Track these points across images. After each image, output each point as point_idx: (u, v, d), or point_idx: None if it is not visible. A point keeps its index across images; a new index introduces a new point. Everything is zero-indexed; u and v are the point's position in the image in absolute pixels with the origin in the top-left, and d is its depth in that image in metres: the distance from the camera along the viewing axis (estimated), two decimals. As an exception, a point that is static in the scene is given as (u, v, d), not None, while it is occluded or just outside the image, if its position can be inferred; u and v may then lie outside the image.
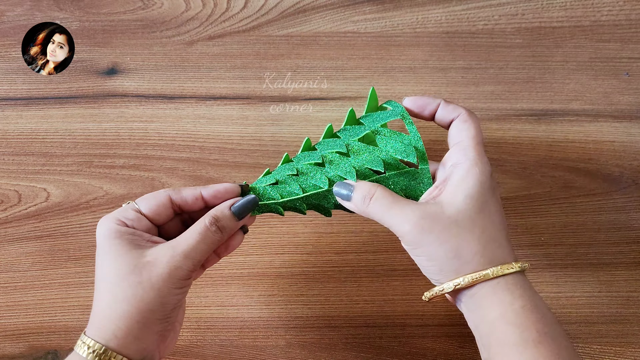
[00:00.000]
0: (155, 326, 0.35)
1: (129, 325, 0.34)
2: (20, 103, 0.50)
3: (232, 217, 0.37)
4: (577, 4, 0.50)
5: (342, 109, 0.50)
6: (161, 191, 0.38)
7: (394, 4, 0.50)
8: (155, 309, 0.34)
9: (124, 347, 0.34)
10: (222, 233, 0.37)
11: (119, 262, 0.35)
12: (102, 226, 0.36)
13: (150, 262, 0.35)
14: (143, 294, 0.34)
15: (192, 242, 0.35)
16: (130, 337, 0.34)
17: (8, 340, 0.49)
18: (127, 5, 0.51)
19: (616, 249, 0.49)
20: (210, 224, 0.36)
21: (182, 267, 0.35)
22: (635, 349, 0.48)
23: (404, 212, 0.35)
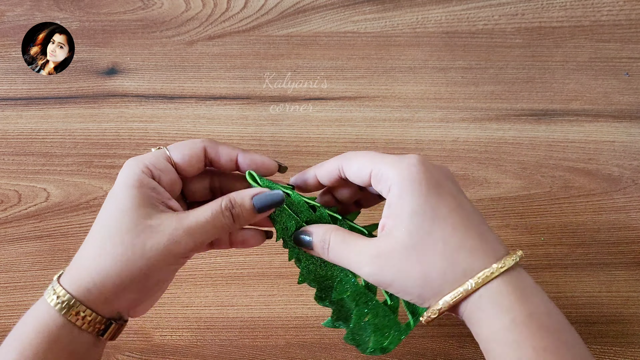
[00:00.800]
0: (131, 294, 0.32)
1: (105, 284, 0.31)
2: (20, 103, 0.50)
3: (251, 208, 0.34)
4: (577, 4, 0.50)
5: (342, 109, 0.50)
6: (197, 140, 0.35)
7: (394, 4, 0.50)
8: (136, 278, 0.31)
9: (93, 303, 0.31)
10: (234, 221, 0.33)
11: (122, 214, 0.31)
12: (127, 168, 0.33)
13: (152, 226, 0.31)
14: (130, 257, 0.31)
15: (201, 220, 0.32)
16: (102, 295, 0.31)
17: (8, 340, 0.49)
18: (127, 5, 0.51)
19: (616, 249, 0.49)
20: (225, 208, 0.33)
21: (180, 242, 0.31)
22: (635, 349, 0.48)
23: (358, 255, 0.32)
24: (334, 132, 0.50)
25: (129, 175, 0.32)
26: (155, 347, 0.49)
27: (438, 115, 0.50)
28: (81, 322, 0.31)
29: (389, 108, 0.50)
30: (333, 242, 0.33)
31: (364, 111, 0.50)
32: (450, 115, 0.50)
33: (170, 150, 0.34)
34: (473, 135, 0.49)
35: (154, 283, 0.32)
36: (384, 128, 0.49)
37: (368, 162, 0.32)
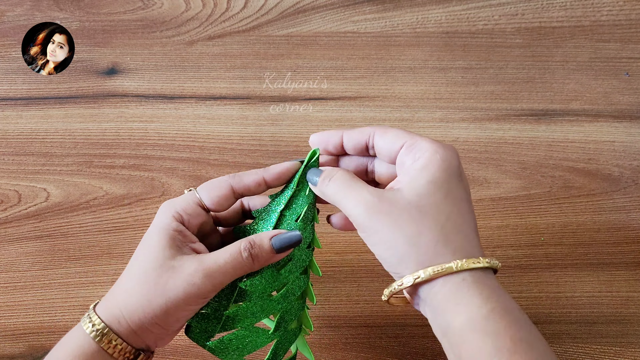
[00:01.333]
0: (154, 329, 0.34)
1: (131, 318, 0.33)
2: (20, 103, 0.50)
3: (270, 249, 0.35)
4: (577, 4, 0.50)
5: (342, 109, 0.50)
6: (222, 180, 0.36)
7: (394, 4, 0.50)
8: (157, 315, 0.33)
9: (124, 334, 0.33)
10: (253, 262, 0.35)
11: (150, 255, 0.34)
12: (161, 212, 0.35)
13: (174, 267, 0.33)
14: (152, 297, 0.33)
15: (220, 262, 0.34)
16: (130, 329, 0.33)
17: (8, 340, 0.49)
18: (127, 5, 0.51)
19: (616, 249, 0.49)
20: (244, 249, 0.34)
21: (198, 285, 0.33)
22: (635, 349, 0.48)
23: (359, 194, 0.32)
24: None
25: (161, 220, 0.35)
26: (155, 347, 0.49)
27: (438, 115, 0.50)
28: (112, 350, 0.33)
29: (389, 108, 0.50)
30: (339, 177, 0.34)
31: (364, 111, 0.50)
32: (450, 115, 0.50)
33: (200, 193, 0.36)
34: (473, 135, 0.49)
35: (174, 320, 0.34)
36: (384, 128, 0.49)
37: (405, 134, 0.33)
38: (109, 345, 0.33)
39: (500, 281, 0.48)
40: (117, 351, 0.33)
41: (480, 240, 0.32)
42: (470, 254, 0.30)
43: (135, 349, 0.34)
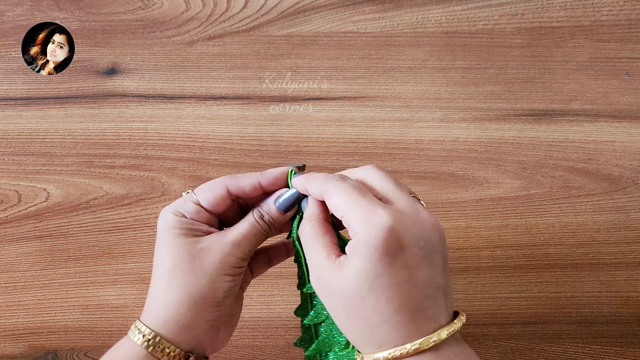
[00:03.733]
0: (207, 314, 0.35)
1: (180, 311, 0.34)
2: (20, 103, 0.50)
3: (278, 211, 0.37)
4: (577, 4, 0.50)
5: (342, 109, 0.50)
6: (218, 181, 0.38)
7: (394, 4, 0.50)
8: (206, 295, 0.35)
9: (175, 334, 0.35)
10: (269, 227, 0.37)
11: (174, 251, 0.35)
12: (162, 217, 0.37)
13: (203, 249, 0.35)
14: (195, 280, 0.34)
15: (242, 232, 0.36)
16: (181, 324, 0.35)
17: (8, 340, 0.49)
18: (127, 5, 0.51)
19: (616, 249, 0.49)
20: (258, 217, 0.37)
21: (232, 253, 0.35)
22: (635, 349, 0.48)
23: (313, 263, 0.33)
24: (334, 132, 0.50)
25: (167, 221, 0.36)
26: (155, 347, 0.49)
27: (438, 115, 0.50)
28: (162, 354, 0.34)
29: (389, 108, 0.50)
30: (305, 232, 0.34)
31: (364, 111, 0.50)
32: (450, 115, 0.50)
33: (197, 194, 0.38)
34: (473, 135, 0.49)
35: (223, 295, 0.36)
36: (384, 128, 0.49)
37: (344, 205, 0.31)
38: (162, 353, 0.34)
39: (500, 281, 0.48)
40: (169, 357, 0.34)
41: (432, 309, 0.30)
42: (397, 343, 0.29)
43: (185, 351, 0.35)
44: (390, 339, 0.29)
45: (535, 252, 0.49)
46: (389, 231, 0.29)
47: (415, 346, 0.29)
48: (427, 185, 0.49)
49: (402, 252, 0.29)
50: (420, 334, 0.29)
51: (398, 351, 0.29)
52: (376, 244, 0.29)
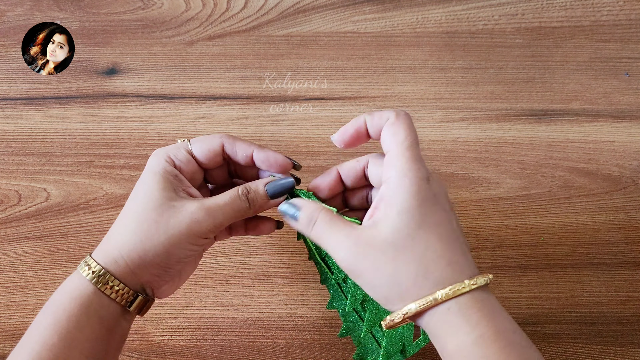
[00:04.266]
0: (154, 268, 0.35)
1: (130, 256, 0.34)
2: (20, 103, 0.50)
3: (264, 194, 0.36)
4: (577, 4, 0.50)
5: (342, 109, 0.50)
6: (216, 137, 0.38)
7: (394, 4, 0.50)
8: (159, 252, 0.34)
9: (121, 274, 0.34)
10: (250, 206, 0.36)
11: (148, 196, 0.35)
12: (153, 157, 0.37)
13: (175, 206, 0.34)
14: (154, 233, 0.34)
15: (220, 203, 0.35)
16: (128, 268, 0.34)
17: (8, 340, 0.49)
18: (127, 5, 0.51)
19: (616, 249, 0.49)
20: (242, 193, 0.36)
21: (201, 221, 0.34)
22: (635, 349, 0.48)
23: (338, 238, 0.32)
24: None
25: (155, 163, 0.36)
26: (155, 347, 0.49)
27: (438, 115, 0.50)
28: (110, 291, 0.34)
29: (389, 108, 0.50)
30: (320, 221, 0.34)
31: (364, 111, 0.50)
32: (450, 115, 0.50)
33: (192, 144, 0.38)
34: (473, 135, 0.49)
35: (175, 260, 0.35)
36: (384, 128, 0.49)
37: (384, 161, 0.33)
38: (106, 287, 0.33)
39: (501, 281, 0.48)
40: (114, 292, 0.34)
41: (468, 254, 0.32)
42: (455, 280, 0.30)
43: (133, 290, 0.34)
44: (447, 275, 0.30)
45: (535, 252, 0.49)
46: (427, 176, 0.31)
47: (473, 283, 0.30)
48: (427, 185, 0.49)
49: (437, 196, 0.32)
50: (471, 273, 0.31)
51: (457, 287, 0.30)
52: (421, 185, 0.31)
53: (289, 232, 0.49)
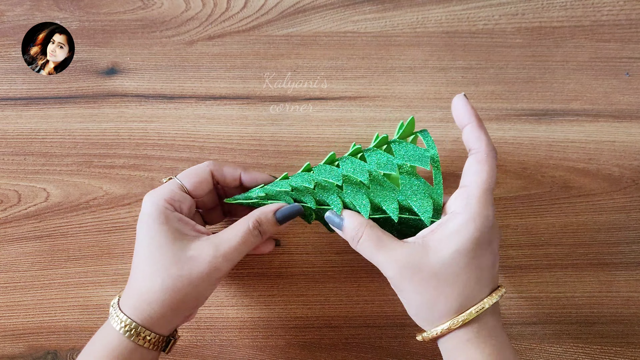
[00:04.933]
0: (186, 312, 0.37)
1: (164, 311, 0.36)
2: (20, 103, 0.50)
3: (274, 222, 0.38)
4: (577, 4, 0.50)
5: (342, 109, 0.50)
6: (203, 166, 0.39)
7: (394, 4, 0.50)
8: (189, 301, 0.36)
9: (156, 326, 0.36)
10: (261, 236, 0.38)
11: (162, 252, 0.36)
12: (150, 205, 0.37)
13: (192, 257, 0.36)
14: (181, 288, 0.35)
15: (234, 244, 0.37)
16: (163, 320, 0.36)
17: (8, 340, 0.49)
18: (127, 5, 0.51)
19: (616, 249, 0.49)
20: (254, 227, 0.38)
21: (221, 269, 0.36)
22: (635, 349, 0.48)
23: (386, 257, 0.35)
24: (334, 132, 0.50)
25: (156, 215, 0.37)
26: (155, 347, 0.49)
27: (438, 115, 0.50)
28: (146, 343, 0.36)
29: (389, 108, 0.50)
30: (366, 238, 0.36)
31: (364, 111, 0.50)
32: (450, 115, 0.49)
33: (182, 180, 0.39)
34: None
35: (203, 301, 0.38)
36: (384, 128, 0.49)
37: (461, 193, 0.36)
38: (144, 340, 0.36)
39: (501, 281, 0.48)
40: (150, 343, 0.36)
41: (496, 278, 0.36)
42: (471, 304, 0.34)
43: (165, 336, 0.37)
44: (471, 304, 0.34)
45: (535, 252, 0.49)
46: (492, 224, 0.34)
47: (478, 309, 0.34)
48: (427, 185, 0.49)
49: (492, 243, 0.35)
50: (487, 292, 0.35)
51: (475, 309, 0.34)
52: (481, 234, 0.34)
53: (289, 232, 0.49)
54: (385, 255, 0.35)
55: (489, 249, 0.34)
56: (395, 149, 0.40)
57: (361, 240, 0.36)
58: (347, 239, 0.38)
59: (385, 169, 0.39)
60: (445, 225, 0.35)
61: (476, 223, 0.34)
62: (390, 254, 0.35)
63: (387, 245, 0.35)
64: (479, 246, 0.34)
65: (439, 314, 0.34)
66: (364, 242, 0.36)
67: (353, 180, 0.39)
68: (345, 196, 0.39)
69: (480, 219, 0.34)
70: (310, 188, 0.40)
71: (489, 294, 0.35)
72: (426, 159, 0.39)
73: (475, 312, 0.33)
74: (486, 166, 0.35)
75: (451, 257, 0.33)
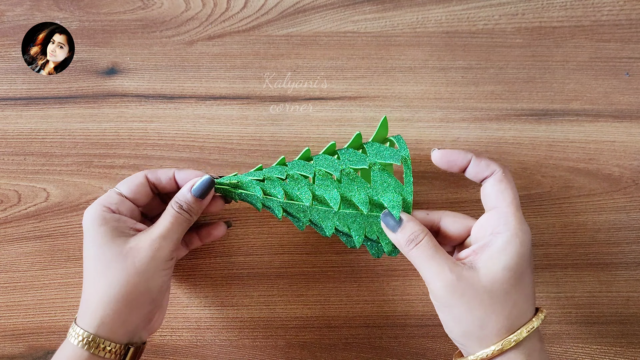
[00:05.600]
0: (143, 309, 0.37)
1: (116, 309, 0.36)
2: (20, 103, 0.50)
3: (194, 198, 0.39)
4: (577, 4, 0.50)
5: (342, 109, 0.50)
6: (138, 174, 0.41)
7: (394, 4, 0.50)
8: (141, 291, 0.36)
9: (112, 332, 0.36)
10: (189, 214, 0.39)
11: (103, 250, 0.37)
12: (88, 214, 0.38)
13: (132, 247, 0.37)
14: (128, 279, 0.36)
15: (167, 225, 0.38)
16: (118, 322, 0.36)
17: (8, 340, 0.49)
18: (127, 5, 0.51)
19: (616, 249, 0.49)
20: (177, 209, 0.39)
21: (162, 247, 0.37)
22: (635, 349, 0.48)
23: (441, 269, 0.35)
24: (334, 132, 0.50)
25: (92, 217, 0.38)
26: (155, 347, 0.49)
27: (438, 115, 0.50)
28: (103, 352, 0.35)
29: (389, 108, 0.50)
30: (425, 244, 0.36)
31: (364, 111, 0.50)
32: (450, 115, 0.50)
33: (119, 187, 0.41)
34: (473, 135, 0.49)
35: (157, 290, 0.38)
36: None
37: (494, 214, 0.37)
38: (99, 349, 0.35)
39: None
40: (107, 352, 0.35)
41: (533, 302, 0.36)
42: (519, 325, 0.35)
43: (124, 344, 0.36)
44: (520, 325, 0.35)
45: (535, 252, 0.49)
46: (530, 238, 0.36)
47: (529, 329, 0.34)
48: (427, 185, 0.49)
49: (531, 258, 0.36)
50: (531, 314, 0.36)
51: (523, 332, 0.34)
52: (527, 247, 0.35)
53: (289, 233, 0.49)
54: (438, 266, 0.35)
55: (531, 264, 0.36)
56: (368, 149, 0.42)
57: (420, 244, 0.36)
58: (402, 240, 0.37)
59: (356, 165, 0.40)
60: (489, 246, 0.35)
61: (520, 239, 0.35)
62: (443, 267, 0.35)
63: (442, 256, 0.36)
64: (525, 261, 0.35)
65: (490, 332, 0.34)
66: (422, 247, 0.36)
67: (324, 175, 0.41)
68: (316, 189, 0.41)
69: (522, 234, 0.35)
70: (281, 179, 0.41)
71: (535, 313, 0.35)
72: (397, 157, 0.40)
73: (526, 332, 0.34)
74: (509, 184, 0.37)
75: (502, 275, 0.34)
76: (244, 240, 0.49)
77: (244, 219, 0.49)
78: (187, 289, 0.49)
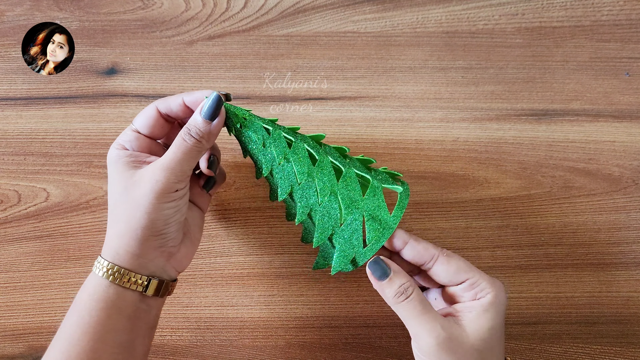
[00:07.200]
0: (151, 242, 0.37)
1: (127, 243, 0.36)
2: (20, 103, 0.50)
3: (204, 121, 0.37)
4: (577, 4, 0.50)
5: (342, 109, 0.50)
6: (149, 105, 0.40)
7: (394, 4, 0.50)
8: (145, 226, 0.36)
9: (129, 263, 0.36)
10: (198, 139, 0.37)
11: (114, 185, 0.37)
12: (109, 154, 0.39)
13: (136, 181, 0.36)
14: (131, 212, 0.36)
15: (169, 155, 0.37)
16: (130, 254, 0.36)
17: (8, 340, 0.49)
18: (127, 5, 0.51)
19: (616, 249, 0.49)
20: (185, 135, 0.37)
21: (161, 179, 0.36)
22: (635, 349, 0.48)
23: (432, 326, 0.35)
24: (334, 132, 0.50)
25: (110, 158, 0.39)
26: (155, 347, 0.49)
27: (438, 115, 0.50)
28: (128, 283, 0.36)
29: (389, 108, 0.50)
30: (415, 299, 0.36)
31: (364, 111, 0.50)
32: (450, 115, 0.50)
33: (134, 123, 0.40)
34: (473, 135, 0.49)
35: (163, 224, 0.37)
36: (384, 128, 0.49)
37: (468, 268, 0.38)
38: (121, 279, 0.36)
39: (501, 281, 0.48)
40: (129, 282, 0.36)
41: None
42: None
43: (145, 275, 0.37)
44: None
45: (535, 252, 0.49)
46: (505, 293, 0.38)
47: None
48: (427, 185, 0.49)
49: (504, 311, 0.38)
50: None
51: None
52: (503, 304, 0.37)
53: (289, 233, 0.49)
54: (430, 323, 0.35)
55: (504, 317, 0.37)
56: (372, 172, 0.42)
57: (410, 299, 0.36)
58: (390, 292, 0.37)
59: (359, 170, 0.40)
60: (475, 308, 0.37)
61: (499, 299, 0.37)
62: (434, 324, 0.35)
63: (432, 312, 0.36)
64: (503, 319, 0.37)
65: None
66: (412, 301, 0.36)
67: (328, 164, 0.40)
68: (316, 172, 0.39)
69: (501, 293, 0.37)
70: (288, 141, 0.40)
71: None
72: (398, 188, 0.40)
73: None
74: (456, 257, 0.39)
75: (489, 334, 0.36)
76: (244, 240, 0.49)
77: (244, 219, 0.49)
78: (187, 289, 0.49)
